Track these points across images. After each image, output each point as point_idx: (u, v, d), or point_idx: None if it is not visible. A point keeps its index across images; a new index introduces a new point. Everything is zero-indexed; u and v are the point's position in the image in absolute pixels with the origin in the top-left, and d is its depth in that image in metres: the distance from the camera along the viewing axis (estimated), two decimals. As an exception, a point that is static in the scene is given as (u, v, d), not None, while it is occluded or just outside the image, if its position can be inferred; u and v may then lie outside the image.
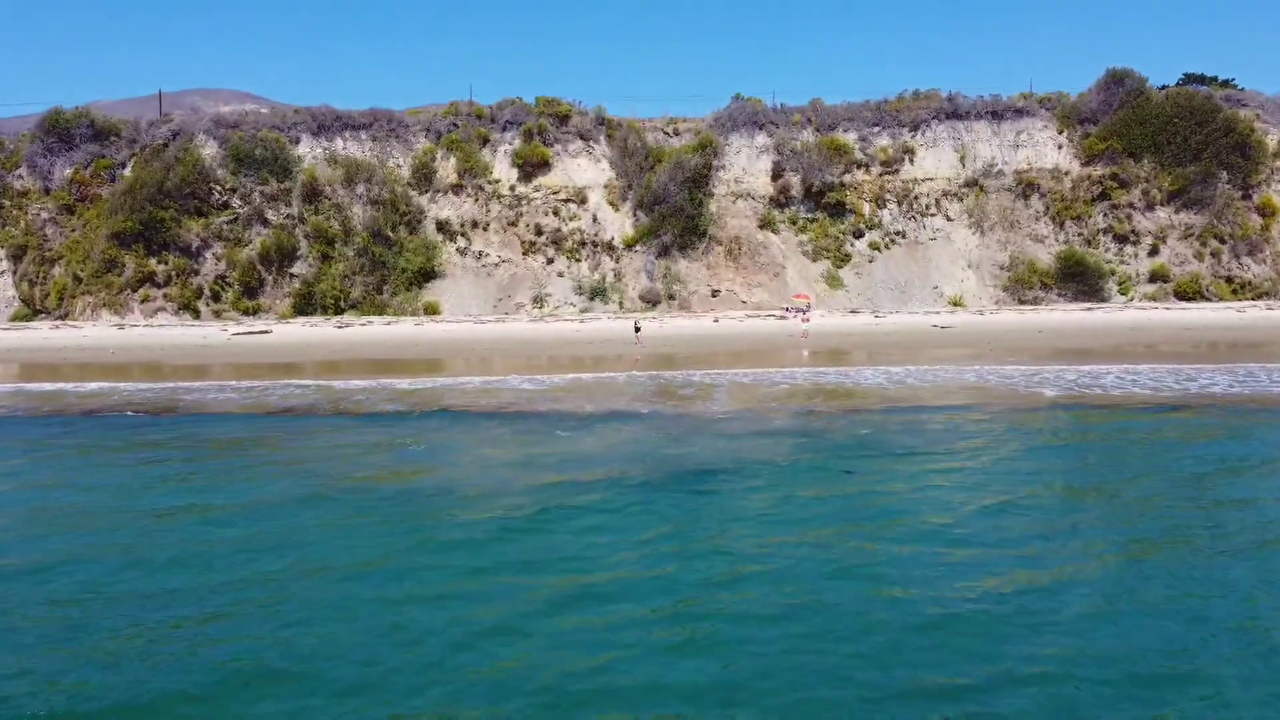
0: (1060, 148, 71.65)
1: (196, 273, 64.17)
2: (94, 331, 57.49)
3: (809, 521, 15.23)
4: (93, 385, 35.54)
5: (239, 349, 48.64)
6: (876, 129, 70.92)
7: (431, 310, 62.06)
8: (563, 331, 52.74)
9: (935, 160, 70.30)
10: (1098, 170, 69.78)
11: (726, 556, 13.45)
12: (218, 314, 62.97)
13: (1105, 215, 68.81)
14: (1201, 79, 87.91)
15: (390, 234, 65.00)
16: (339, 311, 62.97)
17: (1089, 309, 61.36)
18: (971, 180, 69.80)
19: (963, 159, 70.65)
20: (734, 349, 44.99)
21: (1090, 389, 29.99)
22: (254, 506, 16.70)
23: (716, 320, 56.41)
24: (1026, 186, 69.71)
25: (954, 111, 72.01)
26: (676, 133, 70.85)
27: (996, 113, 72.53)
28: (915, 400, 28.16)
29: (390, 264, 64.12)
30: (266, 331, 55.06)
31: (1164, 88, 74.37)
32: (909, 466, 19.09)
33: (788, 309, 60.61)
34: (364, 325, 56.87)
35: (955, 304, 63.91)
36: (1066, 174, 70.30)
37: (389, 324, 57.11)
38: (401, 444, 22.56)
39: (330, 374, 38.06)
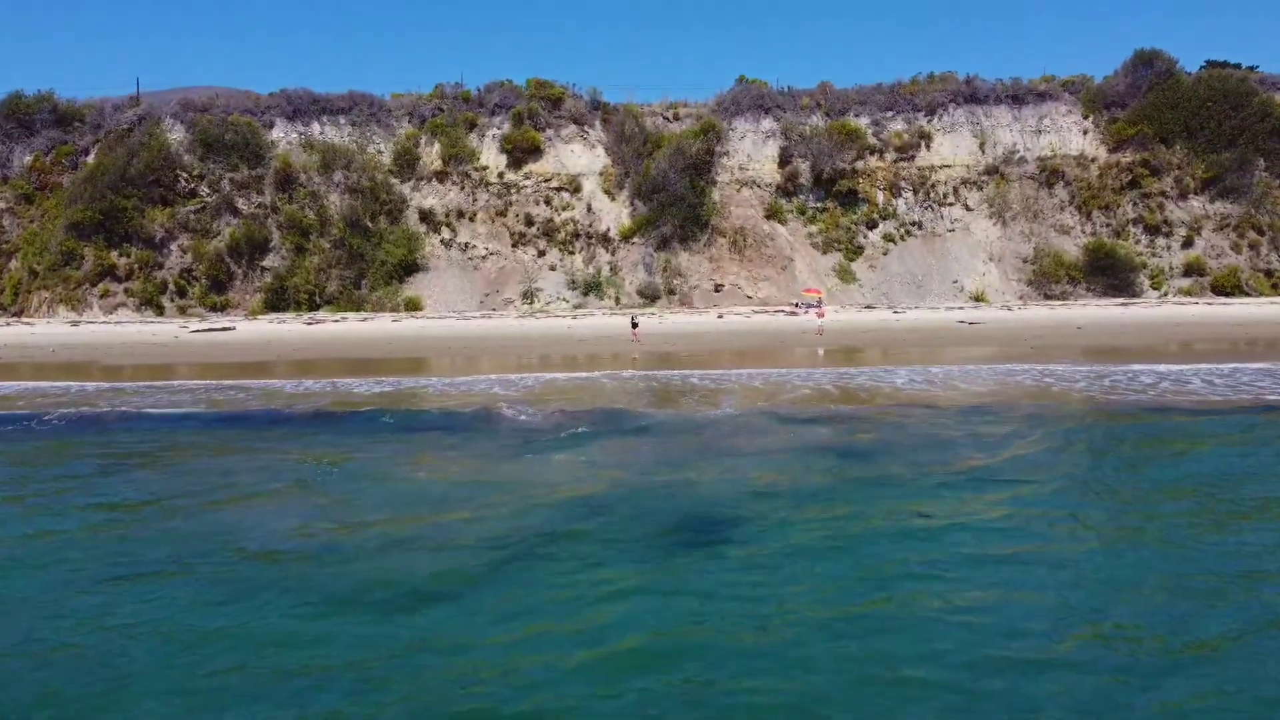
0: (1086, 133, 66.21)
1: (160, 266, 58.79)
2: (45, 329, 52.06)
3: (891, 631, 9.46)
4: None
5: (194, 348, 43.25)
6: (890, 113, 65.46)
7: (413, 306, 56.67)
8: (553, 328, 47.38)
9: (953, 146, 64.85)
10: (1127, 157, 64.33)
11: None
12: (183, 310, 57.59)
13: (1135, 205, 63.37)
14: (1224, 65, 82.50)
15: (369, 224, 59.61)
16: (314, 307, 57.60)
17: (1124, 304, 55.89)
18: (992, 167, 64.35)
19: (982, 145, 65.21)
20: (741, 347, 39.62)
21: (1178, 391, 24.60)
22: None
23: (721, 316, 51.05)
24: (1051, 174, 64.28)
25: (972, 95, 66.56)
26: (677, 117, 65.43)
27: (1017, 97, 67.06)
28: (972, 406, 22.73)
29: (369, 256, 58.73)
30: (229, 328, 49.67)
31: (1191, 73, 68.89)
32: (1000, 504, 13.73)
33: (797, 304, 55.20)
34: (337, 322, 51.49)
35: (977, 299, 58.49)
36: (1093, 161, 64.87)
37: (365, 320, 51.72)
38: (314, 463, 17.19)
39: (289, 374, 32.72)
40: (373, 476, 16.21)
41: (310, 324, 50.50)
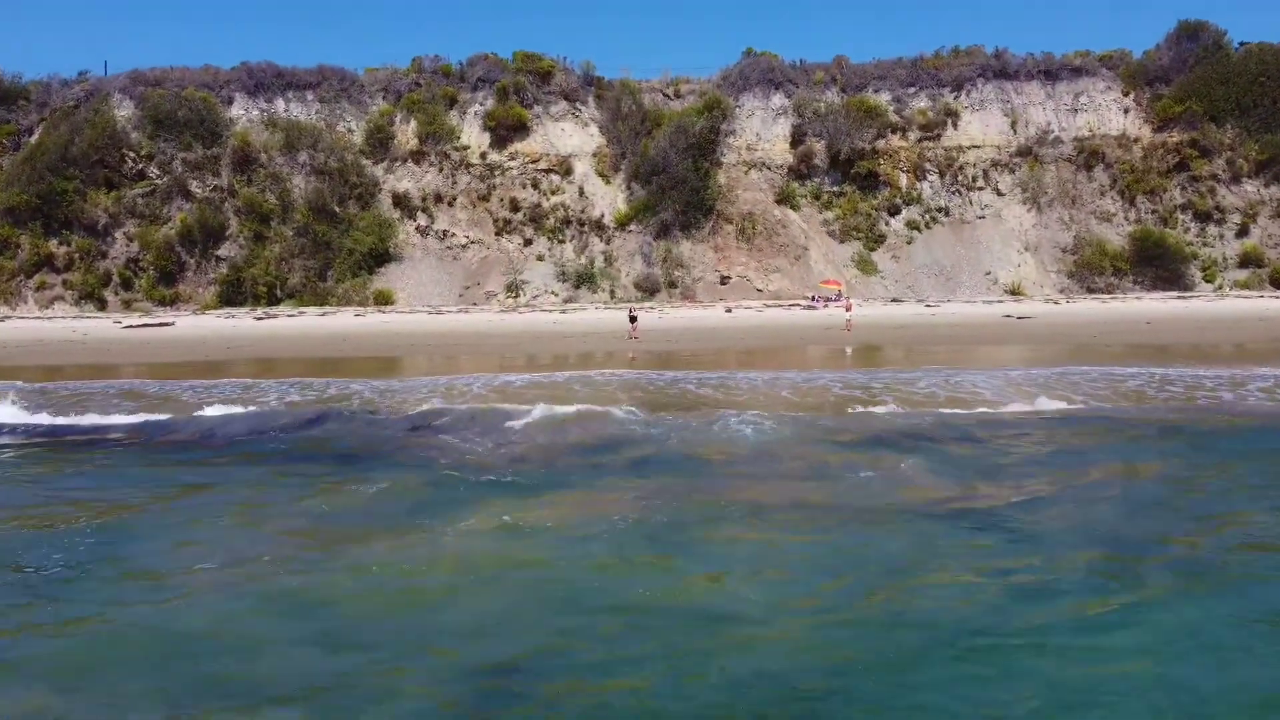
0: (1127, 112, 59.16)
1: (103, 255, 51.78)
2: (-36, 325, 45.04)
3: None
4: None
5: (116, 345, 36.22)
6: (912, 89, 58.42)
7: (383, 299, 49.65)
8: (538, 324, 40.38)
9: (982, 125, 57.81)
10: (1173, 137, 57.24)
11: None
12: (127, 305, 50.58)
13: (1183, 189, 56.28)
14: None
15: (337, 209, 52.59)
16: (274, 301, 50.59)
17: (1180, 298, 48.83)
18: (1024, 148, 57.30)
19: (1013, 124, 58.16)
20: (754, 345, 32.61)
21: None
22: None
23: (729, 311, 44.03)
24: (1089, 156, 57.20)
25: (1001, 70, 59.49)
26: (678, 94, 58.41)
27: (1050, 72, 59.99)
28: (1118, 425, 15.65)
29: (336, 245, 51.70)
30: (168, 324, 42.68)
31: (1242, 44, 61.79)
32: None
33: (814, 298, 48.23)
34: (293, 317, 44.47)
35: (1013, 292, 51.44)
36: (1136, 141, 57.82)
37: (324, 315, 44.69)
38: (71, 519, 10.29)
39: (197, 375, 25.76)
40: (152, 544, 9.25)
41: (261, 319, 43.48)
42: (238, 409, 18.21)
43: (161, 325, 42.43)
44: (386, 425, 16.62)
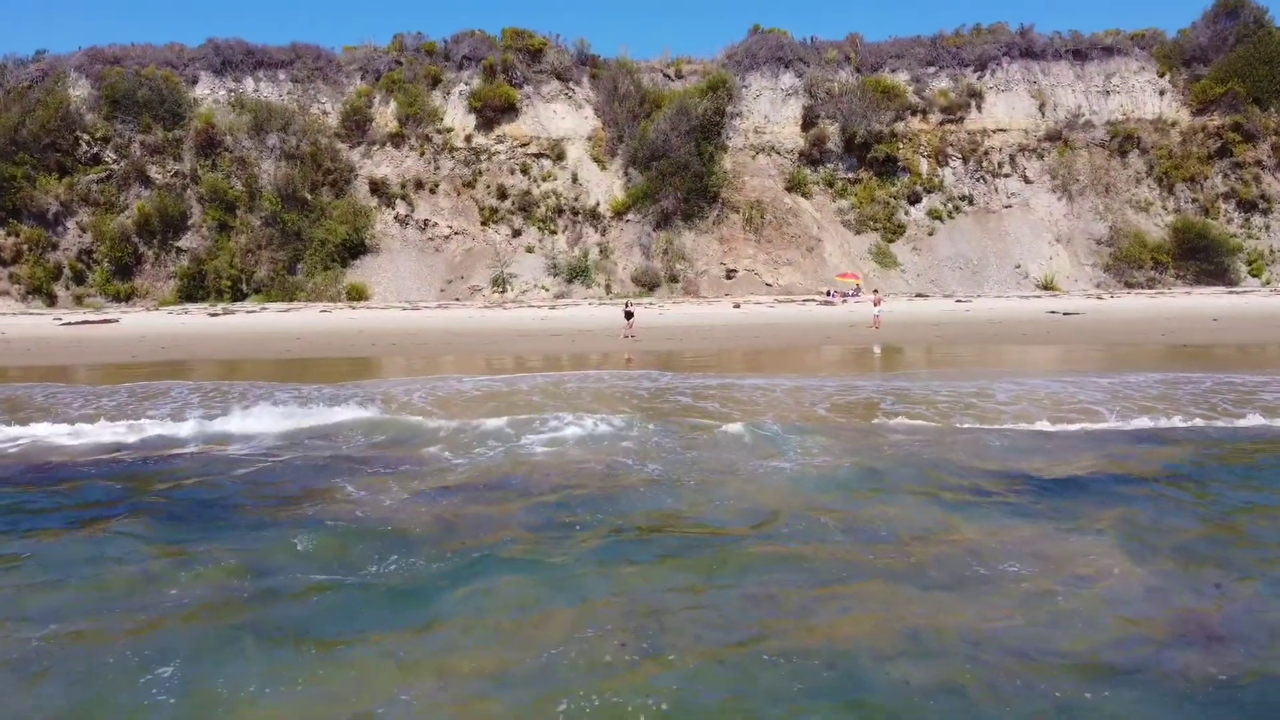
0: (1163, 94, 54.20)
1: (54, 247, 46.77)
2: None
3: None
4: None
5: (39, 345, 31.23)
6: (932, 69, 53.43)
7: (357, 294, 44.68)
8: (524, 321, 35.37)
9: (1008, 107, 52.84)
10: (1214, 120, 52.30)
11: None
12: (79, 300, 45.60)
13: (1225, 176, 51.35)
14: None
15: (308, 197, 47.60)
16: (238, 296, 45.63)
17: (1232, 293, 43.89)
18: (1054, 133, 52.35)
19: (1041, 107, 53.19)
20: (766, 345, 27.63)
21: None
22: None
23: (737, 306, 39.03)
24: (1124, 141, 52.26)
25: (1027, 49, 54.53)
26: (679, 75, 53.42)
27: (1079, 51, 55.05)
28: None
29: (307, 236, 46.72)
30: (112, 321, 37.69)
31: (1284, 23, 56.75)
32: None
33: (830, 292, 43.28)
34: (253, 314, 39.46)
35: (1046, 287, 46.48)
36: (1173, 125, 52.87)
37: (287, 312, 39.69)
38: None
39: (89, 380, 20.84)
40: None
41: (216, 316, 38.49)
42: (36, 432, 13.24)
43: (105, 322, 37.42)
44: (239, 463, 11.62)
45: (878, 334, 29.54)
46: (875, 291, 33.11)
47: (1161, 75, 54.54)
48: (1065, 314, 34.05)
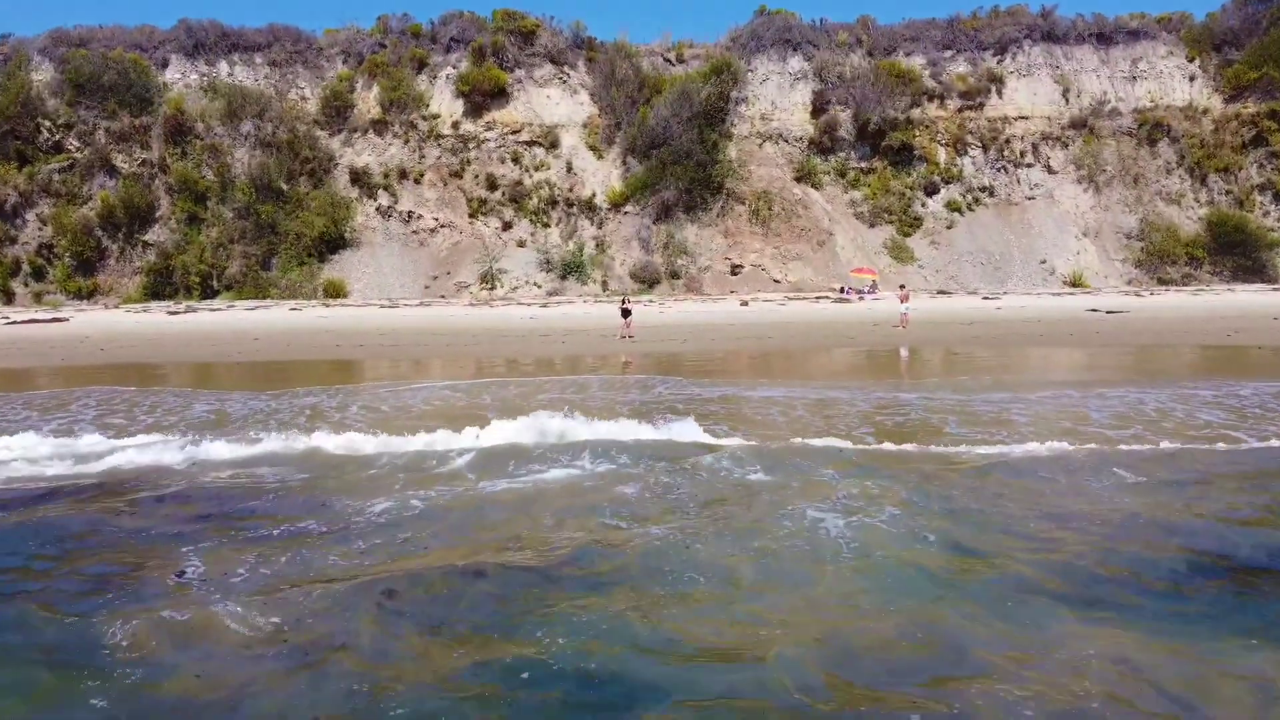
0: (1193, 79, 50.61)
1: (12, 241, 43.20)
2: None
3: None
4: None
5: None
6: (949, 53, 49.84)
7: (334, 291, 41.10)
8: (510, 320, 31.76)
9: (1030, 93, 49.24)
10: (1248, 107, 48.68)
11: None
12: (38, 297, 42.07)
13: (1261, 166, 47.75)
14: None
15: (284, 187, 44.04)
16: (208, 293, 42.07)
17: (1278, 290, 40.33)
18: (1078, 120, 48.74)
19: (1065, 93, 49.62)
20: (779, 347, 24.07)
21: None
22: None
23: (745, 304, 35.43)
24: (1153, 129, 48.68)
25: (1049, 32, 50.93)
26: (681, 59, 49.83)
27: (1104, 35, 51.47)
28: None
29: (282, 229, 43.17)
30: (62, 320, 34.07)
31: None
32: None
33: (844, 289, 39.72)
34: (217, 311, 35.89)
35: (1074, 283, 42.88)
36: (1204, 113, 49.28)
37: (254, 310, 36.09)
38: None
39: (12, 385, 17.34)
40: None
41: (176, 314, 34.91)
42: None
43: (54, 321, 33.85)
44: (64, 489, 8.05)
45: (906, 334, 25.97)
46: (902, 287, 29.54)
47: (1191, 60, 50.96)
48: (1108, 312, 30.46)
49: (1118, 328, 27.04)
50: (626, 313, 26.44)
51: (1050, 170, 47.44)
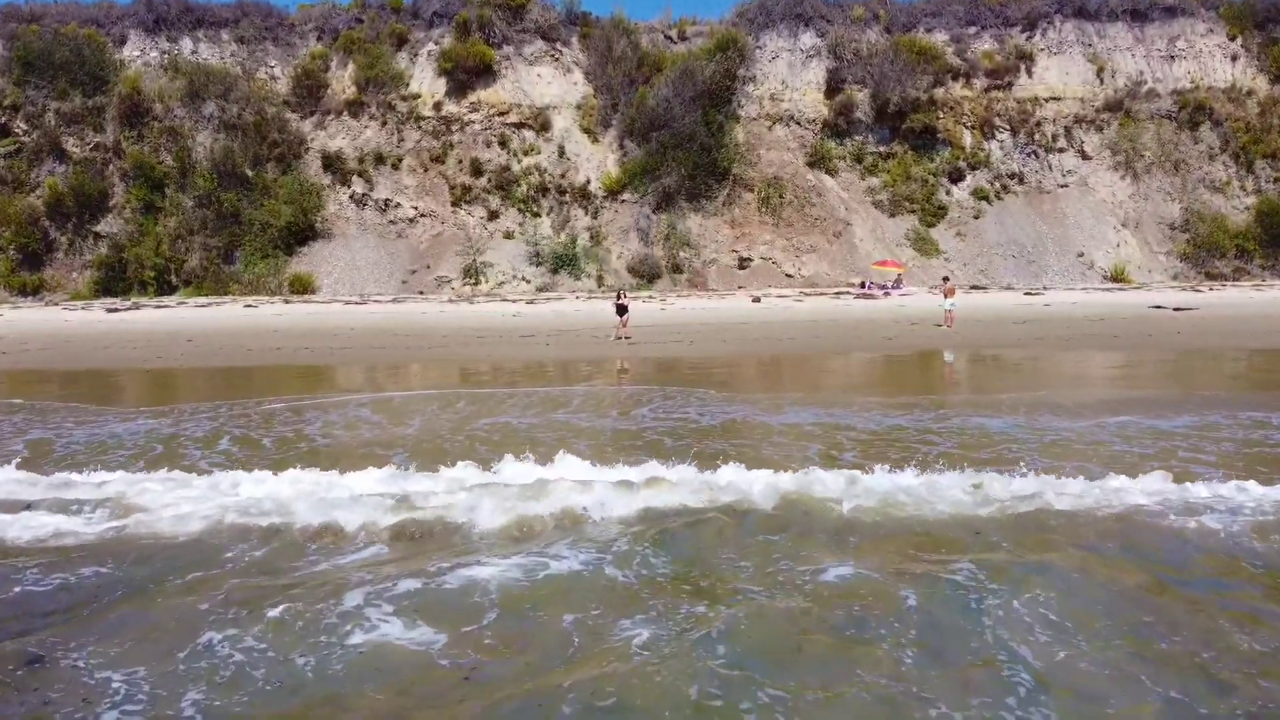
0: (1235, 59, 46.36)
1: (-49, 231, 39.07)
2: None
3: None
4: None
5: None
6: (974, 28, 45.60)
7: (302, 286, 36.89)
8: (490, 318, 27.59)
9: (1061, 72, 45.00)
10: (1298, 88, 44.57)
11: None
12: (-22, 294, 37.93)
13: (1313, 152, 43.58)
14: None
15: (250, 173, 39.85)
16: (165, 289, 37.93)
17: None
18: (1114, 102, 44.51)
19: (1099, 72, 45.41)
20: (803, 350, 19.90)
21: None
22: None
23: (757, 301, 31.21)
24: (1194, 111, 44.46)
25: (1081, 9, 46.62)
26: (683, 37, 45.62)
27: (1138, 11, 47.15)
28: None
29: (247, 218, 38.98)
30: (-13, 318, 29.93)
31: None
32: None
33: (867, 284, 35.54)
34: (162, 308, 31.72)
35: (1116, 278, 38.70)
36: (1249, 95, 45.04)
37: (205, 306, 31.88)
38: None
39: None
40: None
41: (115, 311, 30.70)
42: None
43: (-22, 320, 29.67)
44: None
45: (953, 334, 21.78)
46: (945, 280, 25.31)
47: (1232, 39, 46.71)
48: (1176, 310, 26.27)
49: (1197, 328, 22.86)
50: (622, 309, 22.26)
51: (1084, 156, 43.25)
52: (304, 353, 20.19)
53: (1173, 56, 46.32)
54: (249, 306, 31.02)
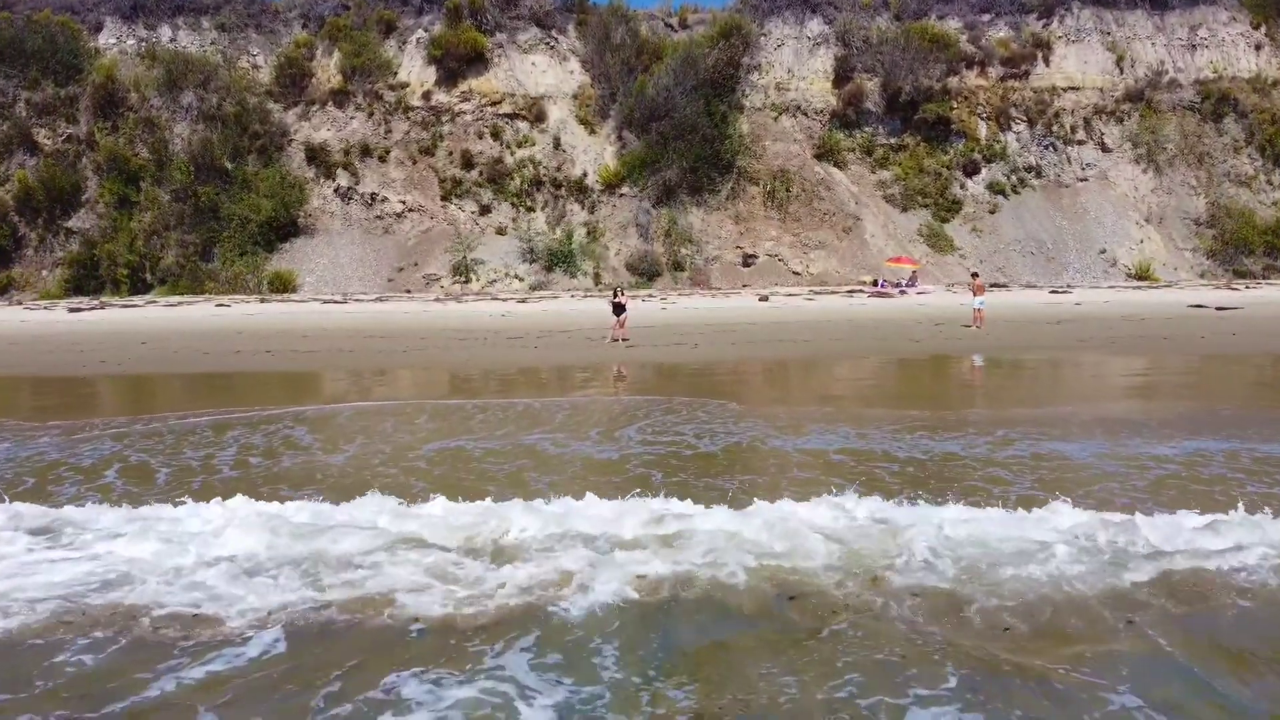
0: (1259, 48, 44.22)
1: (-85, 227, 36.98)
2: None
3: None
4: None
5: None
6: (988, 15, 43.45)
7: (282, 284, 34.75)
8: (476, 319, 25.48)
9: (1079, 61, 42.83)
10: (1326, 77, 42.43)
11: None
12: (-58, 293, 35.83)
13: (1344, 144, 41.45)
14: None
15: (229, 166, 37.74)
16: (139, 288, 35.83)
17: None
18: (1134, 92, 42.35)
19: (1119, 62, 43.26)
20: (820, 354, 17.76)
21: None
22: None
23: (765, 299, 29.07)
24: (1217, 103, 42.34)
25: (1099, -5, 44.55)
26: (684, 24, 43.47)
27: (1157, 0, 45.14)
28: None
29: (226, 214, 36.87)
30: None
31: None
32: None
33: (881, 282, 33.42)
34: (130, 308, 29.60)
35: (1140, 276, 36.55)
36: (1274, 85, 42.90)
37: (175, 306, 29.75)
38: None
39: None
40: None
41: (78, 311, 28.58)
42: None
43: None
44: None
45: (984, 335, 19.64)
46: (975, 276, 23.08)
47: (1256, 27, 44.59)
48: (1219, 309, 24.11)
49: (1250, 328, 20.70)
50: (619, 309, 20.09)
51: (1104, 148, 41.10)
52: (262, 357, 18.05)
53: (1194, 46, 44.19)
54: (221, 306, 28.88)
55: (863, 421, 10.04)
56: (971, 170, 39.63)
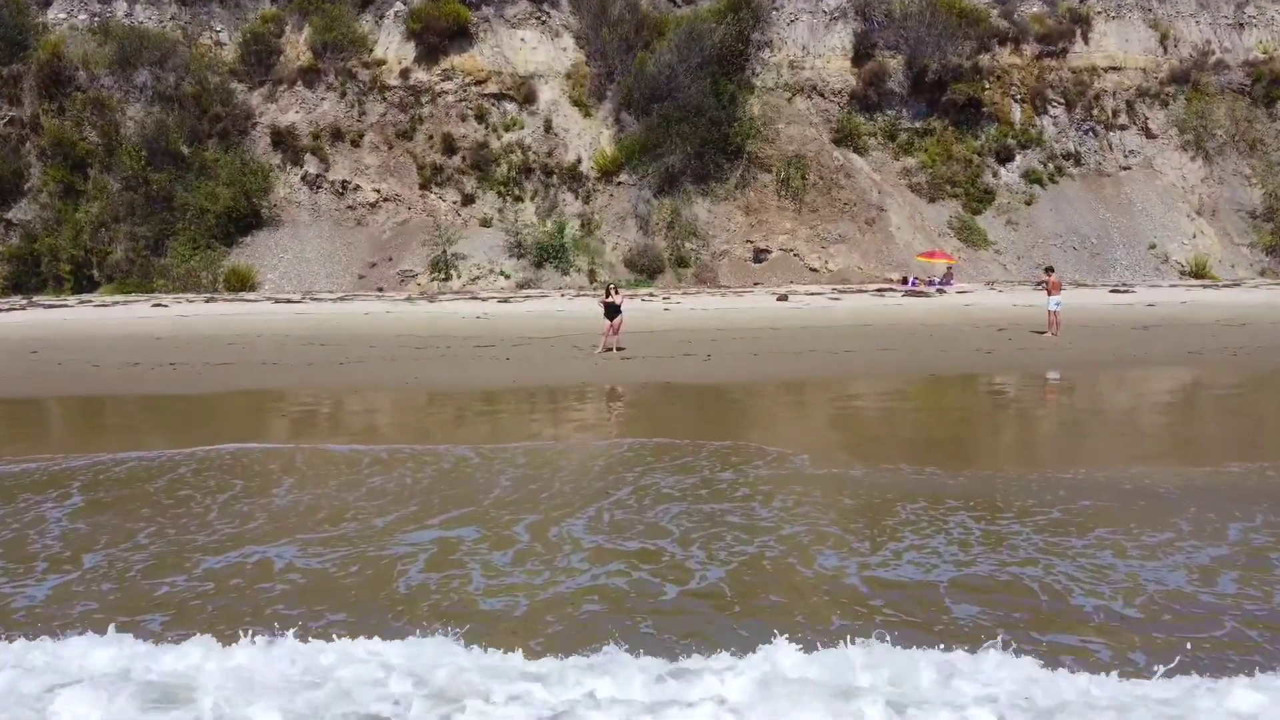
0: (1314, 26, 40.13)
1: None
2: None
3: None
4: None
5: None
6: (1021, -11, 39.31)
7: (239, 282, 30.63)
8: (445, 321, 21.43)
9: (1121, 39, 38.63)
10: (1391, 56, 38.27)
11: None
12: None
13: None
14: None
15: (186, 151, 33.64)
16: (84, 285, 31.78)
17: None
18: (1179, 73, 38.16)
19: (1162, 40, 39.10)
20: (865, 369, 13.71)
21: None
22: None
23: (783, 299, 24.87)
24: (1270, 85, 38.20)
25: (1138, -30, 40.38)
26: (689, 0, 39.36)
27: (1202, -26, 40.97)
28: None
29: (180, 203, 32.77)
30: None
31: None
32: None
33: (911, 280, 29.30)
34: (52, 308, 25.48)
35: (1196, 274, 32.39)
36: (1332, 66, 38.81)
37: (106, 307, 25.60)
38: None
39: None
40: None
41: (9, 310, 24.51)
42: None
43: None
44: None
45: (1065, 344, 15.50)
46: (1049, 272, 18.69)
47: (1310, 3, 40.37)
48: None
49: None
50: (613, 310, 15.95)
51: (1149, 134, 36.96)
52: (160, 372, 13.98)
53: (1241, 24, 40.09)
54: (158, 306, 24.78)
55: (999, 507, 5.92)
56: (1005, 157, 35.48)
